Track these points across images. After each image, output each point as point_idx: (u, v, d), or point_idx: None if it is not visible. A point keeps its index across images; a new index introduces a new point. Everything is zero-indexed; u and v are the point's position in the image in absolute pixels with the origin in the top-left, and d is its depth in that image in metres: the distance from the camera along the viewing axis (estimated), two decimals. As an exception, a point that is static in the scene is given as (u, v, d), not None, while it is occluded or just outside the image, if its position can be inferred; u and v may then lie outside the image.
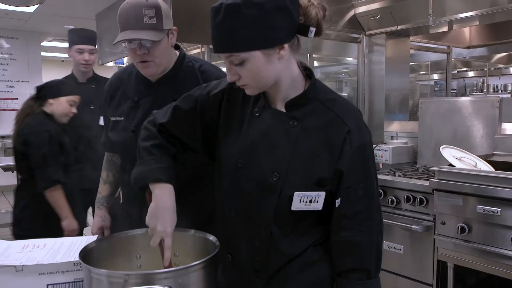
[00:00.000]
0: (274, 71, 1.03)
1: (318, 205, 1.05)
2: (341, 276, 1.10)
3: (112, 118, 1.60)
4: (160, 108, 1.27)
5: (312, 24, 1.03)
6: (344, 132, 1.04)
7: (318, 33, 1.06)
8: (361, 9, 3.70)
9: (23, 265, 1.09)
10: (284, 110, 1.09)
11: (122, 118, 1.57)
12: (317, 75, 5.47)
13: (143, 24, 1.37)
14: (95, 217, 1.73)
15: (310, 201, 1.04)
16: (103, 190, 1.75)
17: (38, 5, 5.38)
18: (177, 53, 1.57)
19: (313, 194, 1.04)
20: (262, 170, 1.07)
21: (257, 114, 1.11)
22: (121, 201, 1.75)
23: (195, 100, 1.19)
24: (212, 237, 1.14)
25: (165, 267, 1.05)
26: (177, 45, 1.59)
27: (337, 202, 1.07)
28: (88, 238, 1.28)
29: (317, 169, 1.05)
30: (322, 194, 1.05)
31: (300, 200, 1.04)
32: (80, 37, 2.99)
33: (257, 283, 1.12)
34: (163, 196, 1.09)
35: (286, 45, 1.01)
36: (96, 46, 3.10)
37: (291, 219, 1.08)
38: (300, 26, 1.02)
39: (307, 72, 1.13)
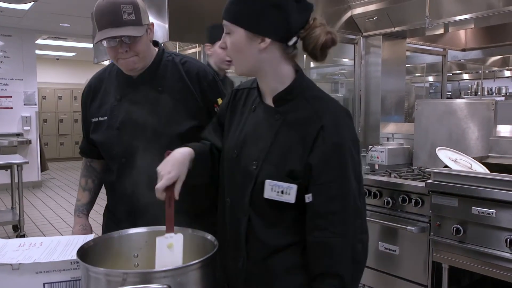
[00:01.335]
0: (253, 58, 1.09)
1: (291, 198, 1.07)
2: (315, 280, 1.07)
3: (94, 119, 1.58)
4: (143, 104, 1.46)
5: (309, 43, 1.07)
6: (318, 127, 1.05)
7: (314, 56, 1.10)
8: (358, 10, 3.71)
9: (20, 264, 1.08)
10: (273, 105, 1.14)
11: (106, 117, 1.55)
12: (313, 76, 5.48)
13: (123, 21, 1.36)
14: (75, 226, 1.67)
15: (282, 192, 1.07)
16: (82, 197, 1.70)
17: (33, 2, 5.34)
18: (156, 49, 1.56)
19: (284, 185, 1.06)
20: (246, 159, 1.14)
21: (253, 110, 1.18)
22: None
23: (219, 110, 1.35)
24: (210, 236, 1.14)
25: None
26: (156, 41, 1.58)
27: (308, 197, 1.06)
28: (85, 237, 1.27)
29: (290, 161, 1.07)
30: (294, 187, 1.06)
31: (272, 189, 1.07)
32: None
33: (240, 273, 1.16)
34: (177, 152, 1.17)
35: (268, 40, 1.06)
36: None
37: (269, 209, 1.10)
38: (287, 34, 1.07)
39: (299, 73, 1.16)
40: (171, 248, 1.08)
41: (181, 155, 1.16)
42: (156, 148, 1.48)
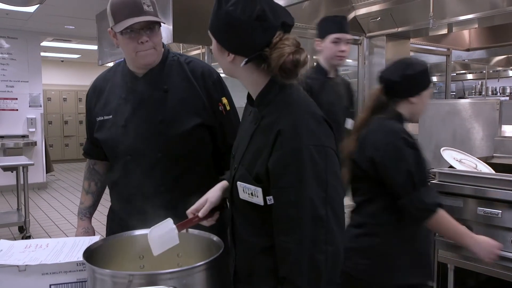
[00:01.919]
0: (226, 66, 1.15)
1: (259, 200, 1.08)
2: (279, 283, 1.06)
3: (99, 118, 1.59)
4: (149, 103, 1.51)
5: (271, 62, 1.07)
6: (276, 132, 1.06)
7: (280, 77, 1.08)
8: (362, 11, 3.71)
9: (26, 265, 1.09)
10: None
11: (111, 116, 1.56)
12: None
13: (144, 10, 1.41)
14: (78, 229, 1.70)
15: (252, 194, 1.09)
16: (85, 200, 1.72)
17: (38, 5, 5.38)
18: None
19: (252, 187, 1.09)
20: (234, 162, 1.20)
21: (249, 114, 1.22)
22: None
23: None
24: (216, 238, 1.14)
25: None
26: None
27: (269, 199, 1.06)
28: (90, 239, 1.27)
29: (256, 165, 1.09)
30: (259, 190, 1.08)
31: (243, 190, 1.11)
32: (337, 24, 2.45)
33: (233, 272, 1.20)
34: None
35: (232, 55, 1.11)
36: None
37: (247, 210, 1.13)
38: (249, 51, 1.08)
39: (272, 77, 1.15)
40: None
41: (212, 190, 1.29)
42: (161, 146, 1.50)
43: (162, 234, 1.12)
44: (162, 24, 1.48)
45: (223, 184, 1.29)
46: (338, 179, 1.06)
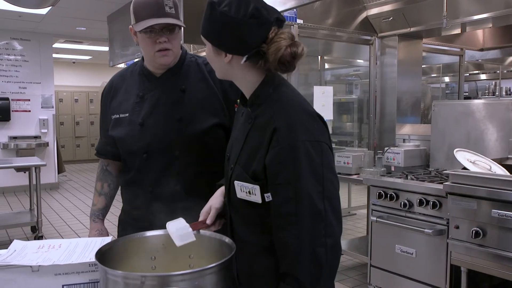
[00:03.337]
0: (221, 68, 1.17)
1: (257, 198, 1.09)
2: (280, 280, 1.07)
3: (115, 116, 1.59)
4: (166, 102, 1.52)
5: (269, 57, 1.09)
6: (272, 129, 1.07)
7: (279, 70, 1.11)
8: (373, 11, 3.68)
9: (39, 266, 1.10)
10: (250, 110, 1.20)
11: (127, 114, 1.56)
12: (327, 77, 5.46)
13: (165, 12, 1.42)
14: (92, 231, 1.69)
15: (249, 192, 1.10)
16: (98, 202, 1.71)
17: (50, 7, 5.43)
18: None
19: (249, 185, 1.10)
20: (229, 162, 1.21)
21: (241, 115, 1.24)
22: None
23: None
24: (227, 239, 1.13)
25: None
26: None
27: (267, 196, 1.08)
28: (103, 240, 1.27)
29: (254, 163, 1.10)
30: (257, 187, 1.09)
31: (241, 189, 1.12)
32: None
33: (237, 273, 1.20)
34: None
35: (229, 56, 1.12)
36: None
37: (244, 209, 1.15)
38: (246, 49, 1.10)
39: (266, 77, 1.16)
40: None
41: (213, 196, 1.31)
42: (179, 144, 1.50)
43: (178, 228, 1.14)
44: (182, 27, 1.49)
45: (222, 190, 1.30)
46: (333, 173, 1.09)
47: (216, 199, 1.29)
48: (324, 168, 1.06)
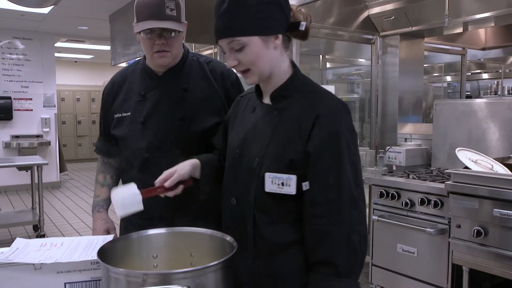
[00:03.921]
0: (270, 59, 1.13)
1: (291, 189, 1.09)
2: (311, 269, 1.08)
3: (117, 115, 1.60)
4: (168, 101, 1.51)
5: (304, 26, 1.14)
6: (313, 117, 1.09)
7: (304, 36, 1.16)
8: (375, 10, 3.68)
9: (42, 263, 1.10)
10: (271, 103, 1.19)
11: (129, 113, 1.57)
12: (329, 76, 5.45)
13: (166, 15, 1.42)
14: (97, 221, 1.66)
15: (282, 184, 1.09)
16: (101, 193, 1.70)
17: (52, 6, 5.44)
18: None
19: (284, 176, 1.09)
20: (249, 157, 1.17)
21: (253, 111, 1.23)
22: None
23: (226, 117, 1.40)
24: (229, 238, 1.13)
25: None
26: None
27: (305, 185, 1.08)
28: (104, 238, 1.28)
29: (289, 153, 1.10)
30: (293, 177, 1.08)
31: (272, 181, 1.10)
32: None
33: (249, 273, 1.18)
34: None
35: (280, 36, 1.12)
36: None
37: (272, 205, 1.13)
38: (292, 23, 1.13)
39: (295, 69, 1.21)
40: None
41: (183, 163, 1.28)
42: (181, 143, 1.51)
43: (125, 197, 1.12)
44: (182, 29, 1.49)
45: (193, 161, 1.29)
46: (360, 163, 1.13)
47: (183, 166, 1.26)
48: (357, 157, 1.11)
